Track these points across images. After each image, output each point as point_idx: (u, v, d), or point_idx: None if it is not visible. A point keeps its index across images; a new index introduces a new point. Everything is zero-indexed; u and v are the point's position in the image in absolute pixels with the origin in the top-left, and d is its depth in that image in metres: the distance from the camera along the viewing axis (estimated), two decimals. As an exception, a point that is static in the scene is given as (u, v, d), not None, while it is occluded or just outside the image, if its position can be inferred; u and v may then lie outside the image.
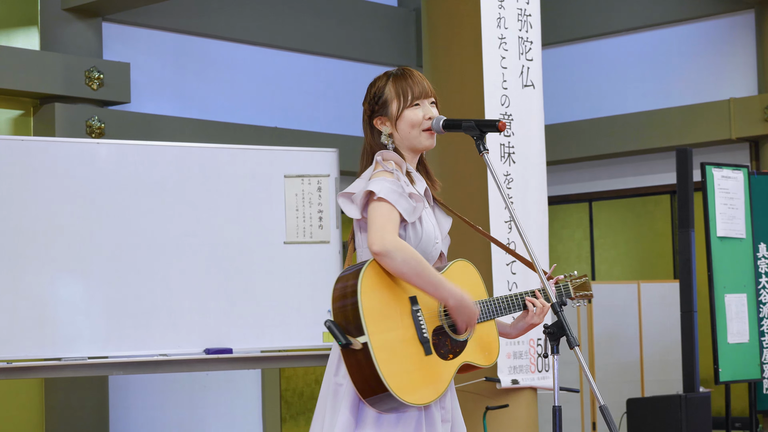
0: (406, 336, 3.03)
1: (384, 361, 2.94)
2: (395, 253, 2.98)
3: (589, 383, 2.99)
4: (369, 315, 2.97)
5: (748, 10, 10.72)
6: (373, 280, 3.01)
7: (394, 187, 3.06)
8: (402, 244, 3.01)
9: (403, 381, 2.97)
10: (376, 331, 2.96)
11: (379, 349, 2.95)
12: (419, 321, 3.06)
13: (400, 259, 2.98)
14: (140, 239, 6.49)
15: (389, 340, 2.98)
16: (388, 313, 3.02)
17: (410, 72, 3.25)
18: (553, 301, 3.07)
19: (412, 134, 3.21)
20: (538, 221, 6.17)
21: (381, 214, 3.03)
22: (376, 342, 2.95)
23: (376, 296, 3.00)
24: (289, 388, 10.34)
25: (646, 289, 9.45)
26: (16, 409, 8.58)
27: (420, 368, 3.03)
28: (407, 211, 3.08)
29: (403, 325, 3.04)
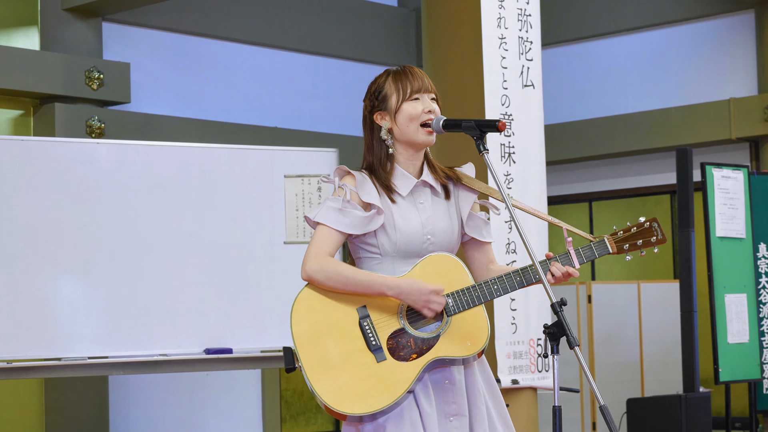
0: (354, 348, 3.11)
1: (318, 381, 3.08)
2: (316, 275, 3.13)
3: (589, 383, 2.98)
4: (299, 339, 3.13)
5: (748, 10, 10.72)
6: (307, 304, 3.16)
7: (333, 205, 3.18)
8: (323, 262, 3.14)
9: (345, 394, 3.07)
10: (309, 354, 3.11)
11: (313, 369, 3.09)
12: (366, 330, 3.12)
13: (324, 278, 3.13)
14: (140, 239, 6.49)
15: (331, 357, 3.10)
16: (328, 330, 3.13)
17: (410, 68, 3.28)
18: (553, 301, 3.06)
19: (410, 128, 3.22)
20: (538, 221, 6.17)
21: (312, 239, 3.18)
22: (308, 365, 3.10)
23: (311, 319, 3.14)
24: (289, 388, 10.34)
25: (646, 289, 9.45)
26: (16, 409, 8.58)
27: (371, 376, 3.08)
28: (351, 225, 3.17)
29: (351, 338, 3.12)
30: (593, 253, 3.30)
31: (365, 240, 3.22)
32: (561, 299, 3.06)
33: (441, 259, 3.21)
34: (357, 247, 3.26)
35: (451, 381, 3.18)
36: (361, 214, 3.18)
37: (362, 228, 3.18)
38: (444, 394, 3.18)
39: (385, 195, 3.23)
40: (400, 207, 3.23)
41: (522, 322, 6.08)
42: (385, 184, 3.24)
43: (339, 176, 3.26)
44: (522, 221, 5.94)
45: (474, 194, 3.34)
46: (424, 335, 3.13)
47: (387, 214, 3.21)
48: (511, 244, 6.11)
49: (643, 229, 3.31)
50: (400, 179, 3.25)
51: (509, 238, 6.10)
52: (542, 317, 6.13)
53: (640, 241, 3.31)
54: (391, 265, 3.20)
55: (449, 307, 3.15)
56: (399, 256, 3.20)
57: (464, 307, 3.15)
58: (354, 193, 3.20)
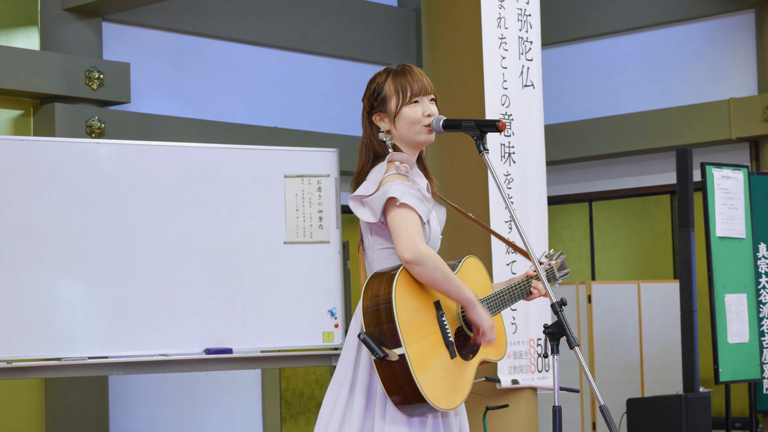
0: (435, 342, 3.06)
1: (420, 372, 2.96)
2: (428, 261, 2.99)
3: (589, 383, 2.99)
4: (404, 326, 2.96)
5: (748, 10, 10.72)
6: (405, 290, 3.01)
7: (413, 192, 3.06)
8: (431, 251, 3.02)
9: (437, 389, 3.00)
10: (411, 342, 2.96)
11: (415, 359, 2.95)
12: (444, 325, 3.08)
13: (432, 266, 2.99)
14: (140, 239, 6.49)
15: (422, 349, 3.00)
16: (419, 321, 3.03)
17: (410, 69, 3.24)
18: (553, 301, 3.06)
19: (410, 131, 3.20)
20: (538, 221, 6.17)
21: (406, 221, 3.01)
22: (413, 353, 2.95)
23: (409, 305, 3.00)
24: (289, 388, 10.34)
25: (646, 289, 9.45)
26: (16, 409, 8.58)
27: (448, 373, 3.06)
28: (425, 214, 3.09)
29: (433, 332, 3.06)
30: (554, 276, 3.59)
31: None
32: (561, 299, 3.07)
33: (475, 262, 3.31)
34: (378, 238, 3.16)
35: None
36: (429, 206, 3.12)
37: (426, 218, 3.10)
38: None
39: None
40: None
41: (522, 322, 6.08)
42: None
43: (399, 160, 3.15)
44: (522, 221, 5.94)
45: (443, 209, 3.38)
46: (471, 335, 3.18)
47: None
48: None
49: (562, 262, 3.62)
50: (418, 177, 3.22)
51: (509, 238, 6.10)
52: (542, 317, 6.13)
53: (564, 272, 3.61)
54: None
55: None
56: None
57: (495, 312, 3.27)
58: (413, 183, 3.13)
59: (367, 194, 3.09)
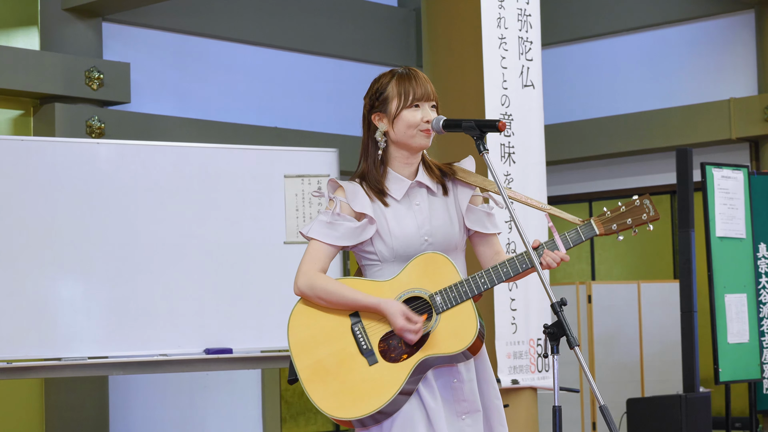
0: (346, 354, 3.14)
1: (315, 389, 3.12)
2: (306, 290, 3.18)
3: (589, 383, 2.98)
4: (296, 349, 3.17)
5: (748, 10, 10.72)
6: (302, 316, 3.20)
7: (324, 219, 3.21)
8: (313, 278, 3.19)
9: (339, 399, 3.10)
10: (304, 364, 3.15)
11: (309, 379, 3.14)
12: (357, 334, 3.15)
13: (313, 295, 3.18)
14: (140, 239, 6.49)
15: (325, 365, 3.14)
16: (322, 339, 3.16)
17: (415, 73, 3.25)
18: (553, 301, 3.06)
19: (408, 134, 3.21)
20: (537, 221, 6.16)
21: (304, 255, 3.23)
22: (305, 374, 3.14)
23: (306, 328, 3.18)
24: (289, 388, 10.34)
25: (646, 289, 9.45)
26: (16, 409, 8.58)
27: (365, 379, 3.11)
28: (343, 237, 3.20)
29: (344, 344, 3.15)
30: (579, 237, 3.20)
31: (363, 248, 3.23)
32: (561, 299, 3.06)
33: (429, 257, 3.19)
34: (359, 256, 3.28)
35: (459, 379, 3.19)
36: (352, 225, 3.20)
37: (354, 239, 3.20)
38: (453, 393, 3.19)
39: (378, 201, 3.23)
40: (394, 211, 3.22)
41: (522, 322, 6.08)
42: (378, 189, 3.23)
43: (330, 189, 3.29)
44: (522, 220, 5.94)
45: (471, 188, 3.31)
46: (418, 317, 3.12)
47: (381, 221, 3.21)
48: (511, 244, 6.11)
49: (633, 207, 3.21)
50: (394, 183, 3.25)
51: (509, 237, 6.10)
52: (542, 317, 6.13)
53: (629, 219, 3.19)
54: (392, 271, 3.20)
55: (437, 304, 3.15)
56: (398, 260, 3.20)
57: (452, 304, 3.14)
58: (345, 205, 3.22)
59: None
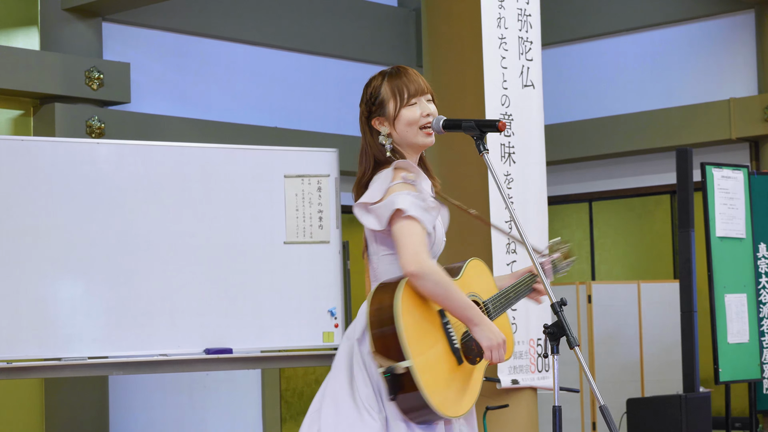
0: (441, 350, 3.04)
1: (428, 383, 2.94)
2: (430, 275, 2.97)
3: (589, 383, 2.99)
4: (410, 338, 2.94)
5: (748, 10, 10.71)
6: (409, 301, 2.98)
7: (419, 202, 3.04)
8: (435, 266, 3.01)
9: (445, 397, 2.99)
10: (417, 353, 2.94)
11: (422, 371, 2.94)
12: (450, 332, 3.07)
13: (433, 282, 2.98)
14: (140, 239, 6.49)
15: (429, 358, 2.98)
16: (424, 331, 3.01)
17: (405, 70, 3.24)
18: (553, 301, 3.06)
19: (410, 133, 3.19)
20: (538, 221, 6.17)
21: (411, 233, 2.99)
22: (419, 364, 2.94)
23: (413, 317, 2.98)
24: (289, 388, 10.34)
25: (646, 289, 9.45)
26: (16, 409, 8.58)
27: (456, 379, 3.06)
28: (430, 224, 3.08)
29: (438, 340, 3.05)
30: None
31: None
32: (561, 299, 3.07)
33: (479, 264, 3.29)
34: (382, 246, 3.14)
35: None
36: (434, 215, 3.11)
37: (430, 228, 3.09)
38: None
39: None
40: None
41: (522, 322, 6.08)
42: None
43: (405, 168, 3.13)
44: (522, 221, 5.94)
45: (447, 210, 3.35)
46: None
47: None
48: (511, 244, 6.10)
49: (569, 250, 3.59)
50: (424, 182, 3.18)
51: (509, 238, 6.10)
52: (542, 317, 6.13)
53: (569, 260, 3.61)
54: None
55: (491, 312, 3.22)
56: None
57: (500, 312, 3.25)
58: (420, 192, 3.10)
59: (373, 202, 3.07)
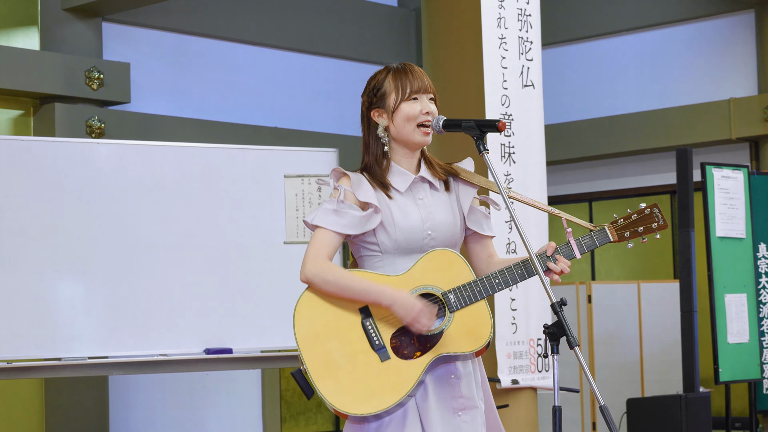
0: (357, 348, 3.11)
1: (323, 383, 3.09)
2: (314, 278, 3.13)
3: (589, 383, 2.98)
4: (303, 342, 3.13)
5: (748, 10, 10.72)
6: (309, 306, 3.16)
7: (329, 207, 3.18)
8: (321, 267, 3.14)
9: (350, 395, 3.07)
10: (312, 356, 3.11)
11: (317, 372, 3.09)
12: (369, 330, 3.13)
13: (322, 282, 3.13)
14: (140, 239, 6.49)
15: (333, 360, 3.10)
16: (331, 331, 3.13)
17: (411, 67, 3.26)
18: (553, 301, 3.06)
19: (407, 128, 3.21)
20: (538, 221, 6.17)
21: (312, 242, 3.18)
22: (313, 367, 3.10)
23: (313, 321, 3.14)
24: (289, 388, 10.34)
25: (646, 289, 9.45)
26: (16, 409, 8.58)
27: (377, 375, 3.09)
28: (349, 225, 3.17)
29: (354, 339, 3.12)
30: (594, 242, 3.25)
31: (365, 239, 3.21)
32: (561, 299, 3.06)
33: (441, 254, 3.20)
34: (358, 246, 3.25)
35: (456, 375, 3.19)
36: (357, 214, 3.17)
37: (360, 228, 3.18)
38: (450, 389, 3.18)
39: (383, 192, 3.22)
40: (398, 203, 3.22)
41: (522, 322, 6.08)
42: (381, 181, 3.23)
43: (335, 178, 3.27)
44: (522, 220, 5.94)
45: (474, 188, 3.33)
46: (427, 332, 3.12)
47: (385, 212, 3.20)
48: (512, 244, 6.11)
49: (644, 216, 3.27)
50: (397, 176, 3.24)
51: (509, 237, 6.10)
52: (542, 317, 6.13)
53: (641, 228, 3.27)
54: (392, 262, 3.20)
55: (451, 303, 3.15)
56: (400, 252, 3.20)
57: (466, 303, 3.15)
58: (350, 194, 3.20)
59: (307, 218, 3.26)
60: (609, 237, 3.25)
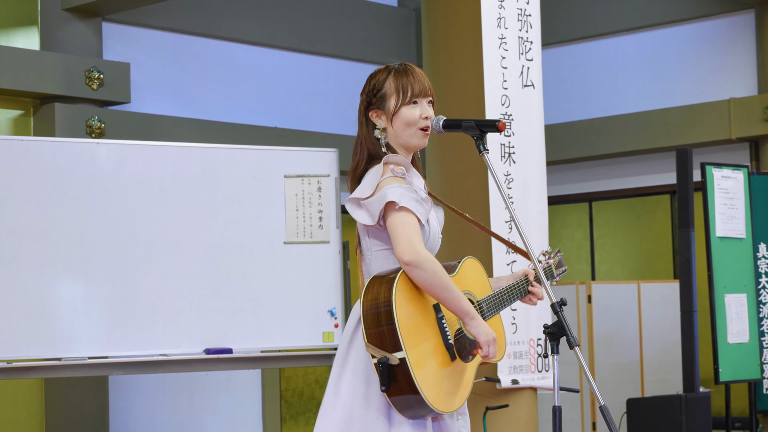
0: (435, 345, 3.04)
1: (421, 375, 2.95)
2: (426, 264, 2.97)
3: (589, 383, 2.99)
4: (405, 329, 2.95)
5: (748, 10, 10.72)
6: (405, 293, 2.99)
7: (411, 194, 3.04)
8: (430, 256, 3.00)
9: (437, 392, 2.99)
10: (411, 345, 2.95)
11: (416, 363, 2.95)
12: (444, 328, 3.06)
13: (431, 271, 2.97)
14: (140, 239, 6.49)
15: (422, 352, 2.99)
16: (418, 324, 3.01)
17: (412, 69, 3.22)
18: (553, 301, 3.06)
19: (406, 132, 3.18)
20: (538, 221, 6.17)
21: (405, 224, 2.99)
22: (413, 356, 2.94)
23: (409, 309, 2.99)
24: (289, 388, 10.34)
25: (646, 289, 9.45)
26: (16, 409, 8.58)
27: (449, 375, 3.06)
28: (424, 216, 3.07)
29: (432, 334, 3.04)
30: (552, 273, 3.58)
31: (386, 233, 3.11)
32: (561, 299, 3.07)
33: (474, 263, 3.29)
34: (375, 240, 3.14)
35: None
36: (428, 207, 3.10)
37: (424, 220, 3.09)
38: None
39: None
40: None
41: (522, 322, 6.08)
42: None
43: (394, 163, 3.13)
44: (522, 221, 5.94)
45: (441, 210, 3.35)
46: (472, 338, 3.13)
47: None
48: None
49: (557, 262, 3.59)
50: (415, 177, 3.19)
51: (509, 237, 6.10)
52: (542, 317, 6.13)
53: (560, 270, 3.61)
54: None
55: (484, 311, 3.21)
56: None
57: (493, 313, 3.24)
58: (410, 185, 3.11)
59: (364, 197, 3.07)
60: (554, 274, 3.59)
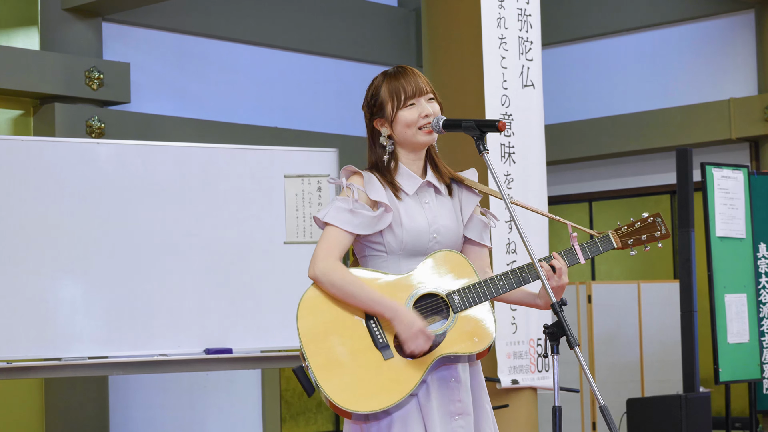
0: (360, 346, 3.10)
1: (326, 379, 3.06)
2: (322, 278, 3.12)
3: (589, 383, 2.99)
4: (306, 337, 3.10)
5: (748, 10, 10.72)
6: (313, 302, 3.14)
7: (343, 206, 3.16)
8: (331, 267, 3.12)
9: (353, 392, 3.05)
10: (316, 352, 3.09)
11: (320, 368, 3.07)
12: (373, 329, 3.11)
13: (328, 283, 3.12)
14: (140, 239, 6.49)
15: (335, 356, 3.08)
16: (334, 328, 3.11)
17: (404, 70, 3.25)
18: (553, 301, 3.06)
19: (408, 133, 3.22)
20: (538, 222, 6.17)
21: (323, 239, 3.17)
22: (316, 363, 3.08)
23: (317, 317, 3.12)
24: (289, 388, 10.34)
25: (646, 289, 9.45)
26: (16, 409, 8.58)
27: (379, 374, 3.08)
28: (361, 225, 3.16)
29: (358, 337, 3.11)
30: (598, 249, 3.32)
31: (371, 239, 3.21)
32: (561, 299, 3.07)
33: (447, 255, 3.21)
34: (362, 246, 3.24)
35: (456, 379, 3.18)
36: (370, 214, 3.16)
37: (371, 228, 3.17)
38: (449, 392, 3.17)
39: (392, 193, 3.22)
40: (406, 205, 3.22)
41: (522, 322, 6.08)
42: (390, 182, 3.23)
43: (346, 175, 3.25)
44: (522, 221, 5.94)
45: (477, 197, 3.33)
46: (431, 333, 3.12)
47: (394, 213, 3.20)
48: (511, 244, 6.11)
49: (647, 224, 3.37)
50: (406, 178, 3.24)
51: (509, 238, 6.10)
52: (542, 317, 6.13)
53: (644, 236, 3.38)
54: (397, 263, 3.20)
55: (455, 304, 3.15)
56: (405, 254, 3.20)
57: (470, 304, 3.16)
58: (362, 193, 3.19)
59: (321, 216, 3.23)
60: (613, 243, 3.32)
